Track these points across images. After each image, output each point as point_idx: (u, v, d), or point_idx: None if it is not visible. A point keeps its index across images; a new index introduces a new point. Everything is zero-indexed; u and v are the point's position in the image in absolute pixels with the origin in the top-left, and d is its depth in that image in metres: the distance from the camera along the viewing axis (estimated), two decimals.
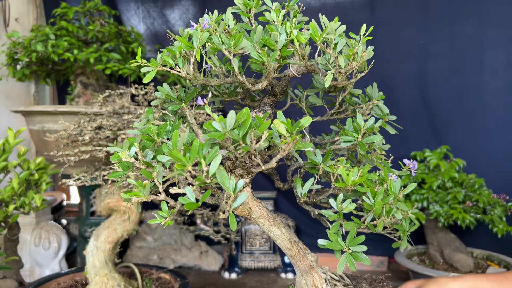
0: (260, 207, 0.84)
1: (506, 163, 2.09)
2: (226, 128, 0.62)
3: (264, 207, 0.85)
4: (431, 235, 1.92)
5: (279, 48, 0.70)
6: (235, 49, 0.72)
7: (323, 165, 0.75)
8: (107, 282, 1.25)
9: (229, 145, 0.64)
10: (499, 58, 2.12)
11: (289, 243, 0.85)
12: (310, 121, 0.64)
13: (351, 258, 0.71)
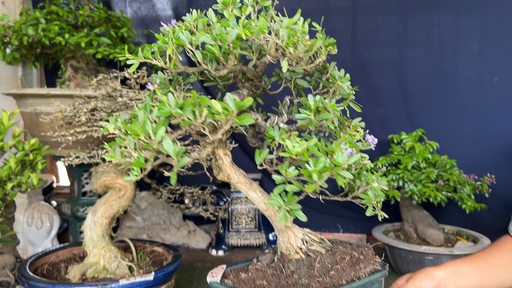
0: (237, 174, 0.95)
1: (476, 145, 2.24)
2: (171, 107, 0.74)
3: (241, 174, 0.95)
4: (406, 213, 2.05)
5: (230, 41, 0.80)
6: (195, 43, 0.82)
7: (278, 138, 0.85)
8: (104, 254, 1.33)
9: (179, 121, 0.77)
10: (472, 46, 2.25)
11: (265, 205, 0.95)
12: (251, 101, 0.75)
13: (287, 214, 0.81)
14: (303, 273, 0.87)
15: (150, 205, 2.51)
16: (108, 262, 1.32)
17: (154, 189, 1.79)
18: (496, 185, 2.01)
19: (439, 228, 2.01)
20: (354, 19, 2.42)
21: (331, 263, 0.87)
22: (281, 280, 0.88)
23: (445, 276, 0.94)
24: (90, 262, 1.33)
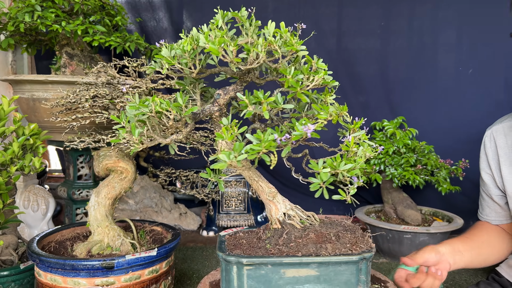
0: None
1: (452, 132, 2.39)
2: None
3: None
4: (386, 195, 2.19)
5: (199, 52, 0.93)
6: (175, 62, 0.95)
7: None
8: (108, 232, 1.42)
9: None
10: (450, 39, 2.39)
11: (250, 180, 1.07)
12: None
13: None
14: (272, 240, 0.97)
15: (142, 188, 2.59)
16: (112, 240, 1.41)
17: (150, 173, 1.87)
18: (470, 169, 2.16)
19: (417, 209, 2.16)
20: (340, 10, 2.52)
21: (296, 237, 0.96)
22: (254, 242, 0.99)
23: (446, 252, 1.05)
24: (95, 240, 1.41)
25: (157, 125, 1.09)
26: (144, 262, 1.29)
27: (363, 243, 0.91)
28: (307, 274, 0.86)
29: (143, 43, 2.06)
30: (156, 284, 1.36)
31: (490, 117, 2.35)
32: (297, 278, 0.85)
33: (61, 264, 1.22)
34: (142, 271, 1.30)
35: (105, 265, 1.23)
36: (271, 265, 0.86)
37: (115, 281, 1.26)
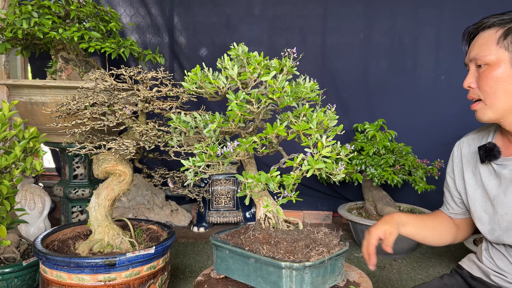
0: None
1: (428, 134, 2.54)
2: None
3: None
4: (367, 193, 2.33)
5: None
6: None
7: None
8: (108, 231, 1.52)
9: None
10: (425, 48, 2.56)
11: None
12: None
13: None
14: (251, 234, 1.10)
15: (134, 186, 2.69)
16: (112, 239, 1.51)
17: (145, 173, 1.97)
18: (444, 169, 2.31)
19: (396, 206, 2.30)
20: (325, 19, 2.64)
21: (254, 235, 1.09)
22: (241, 234, 1.16)
23: (400, 222, 1.19)
24: (95, 239, 1.51)
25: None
26: (143, 259, 1.40)
27: (302, 254, 0.98)
28: (248, 263, 1.04)
29: (136, 48, 2.15)
30: (153, 279, 1.47)
31: (460, 121, 2.55)
32: (245, 262, 1.05)
33: (66, 262, 1.32)
34: (141, 268, 1.42)
35: (107, 262, 1.34)
36: (227, 250, 1.10)
37: (116, 277, 1.37)
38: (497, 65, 0.97)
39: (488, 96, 0.99)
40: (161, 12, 2.83)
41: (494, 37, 0.97)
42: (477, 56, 1.00)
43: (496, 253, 1.09)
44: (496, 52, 0.97)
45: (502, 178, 1.04)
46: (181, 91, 1.68)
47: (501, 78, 0.96)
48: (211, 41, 2.90)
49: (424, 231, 1.22)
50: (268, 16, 2.79)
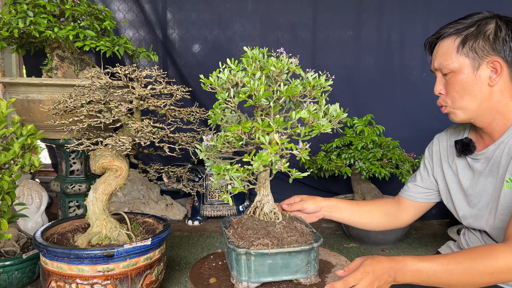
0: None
1: (417, 127, 2.63)
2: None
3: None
4: (356, 186, 2.41)
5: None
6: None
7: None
8: (106, 225, 1.58)
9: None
10: (409, 47, 2.65)
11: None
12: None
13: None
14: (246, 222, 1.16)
15: (130, 181, 2.75)
16: (109, 232, 1.57)
17: (140, 168, 2.02)
18: None
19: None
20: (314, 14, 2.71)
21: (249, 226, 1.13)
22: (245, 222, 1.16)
23: (326, 205, 1.26)
24: (94, 231, 1.57)
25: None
26: (140, 251, 1.46)
27: (263, 244, 1.03)
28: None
29: (130, 46, 2.19)
30: (150, 270, 1.54)
31: (440, 116, 2.66)
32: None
33: (67, 254, 1.38)
34: (138, 259, 1.48)
35: (106, 254, 1.40)
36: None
37: (114, 268, 1.44)
38: (461, 71, 1.04)
39: (456, 100, 1.07)
40: (154, 9, 2.88)
41: (453, 46, 1.05)
42: (441, 66, 1.07)
43: (471, 236, 1.17)
44: (457, 59, 1.04)
45: (474, 171, 1.12)
46: (174, 89, 1.74)
47: (466, 83, 1.04)
48: (204, 38, 2.95)
49: (357, 216, 1.30)
50: (260, 12, 2.85)
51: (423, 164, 1.30)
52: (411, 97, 2.64)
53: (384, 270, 0.93)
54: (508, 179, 1.02)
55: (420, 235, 2.55)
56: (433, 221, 2.81)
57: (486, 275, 0.90)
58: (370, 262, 0.95)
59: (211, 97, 2.91)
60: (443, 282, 0.92)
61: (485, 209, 1.09)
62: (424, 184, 1.27)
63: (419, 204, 1.30)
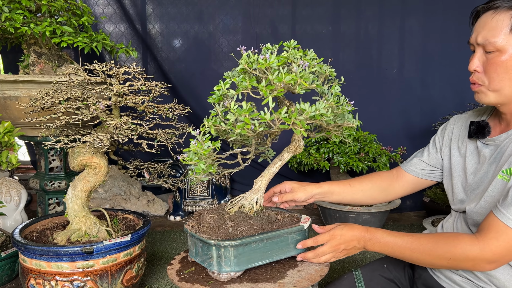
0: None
1: (395, 121, 2.70)
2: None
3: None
4: (335, 179, 2.45)
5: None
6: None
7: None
8: (85, 221, 1.59)
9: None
10: (382, 45, 2.72)
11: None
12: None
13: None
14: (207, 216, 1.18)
15: (110, 177, 2.74)
16: (89, 228, 1.58)
17: (120, 165, 2.03)
18: (407, 155, 2.46)
19: None
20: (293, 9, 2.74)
21: (219, 218, 1.14)
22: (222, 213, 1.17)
23: (317, 193, 1.28)
24: (73, 228, 1.57)
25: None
26: (120, 247, 1.47)
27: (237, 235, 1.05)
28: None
29: (109, 42, 2.18)
30: (130, 265, 1.55)
31: (410, 110, 2.77)
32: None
33: (45, 251, 1.39)
34: (118, 254, 1.49)
35: (85, 250, 1.41)
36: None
37: (94, 264, 1.45)
38: (508, 53, 0.95)
39: (494, 82, 0.99)
40: (133, 3, 2.86)
41: (508, 22, 0.94)
42: (486, 42, 0.97)
43: (448, 221, 1.18)
44: (509, 39, 0.94)
45: (481, 156, 1.08)
46: (153, 85, 1.74)
47: (510, 66, 0.96)
48: (185, 33, 2.95)
49: (350, 196, 1.33)
50: (241, 7, 2.87)
51: (432, 141, 1.27)
52: (387, 92, 2.71)
53: (354, 236, 1.05)
54: (504, 170, 0.99)
55: (397, 226, 2.61)
56: (410, 213, 2.89)
57: (444, 259, 0.97)
58: (342, 227, 1.07)
59: (192, 94, 2.92)
60: (406, 257, 1.03)
61: (476, 192, 1.09)
62: (430, 161, 1.25)
63: (418, 180, 1.28)
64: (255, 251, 1.07)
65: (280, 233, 1.10)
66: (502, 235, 0.91)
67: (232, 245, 1.03)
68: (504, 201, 0.93)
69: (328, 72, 1.15)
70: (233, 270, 1.05)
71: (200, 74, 2.95)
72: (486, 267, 0.94)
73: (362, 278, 1.19)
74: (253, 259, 1.07)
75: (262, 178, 1.18)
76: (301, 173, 2.79)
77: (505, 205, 0.92)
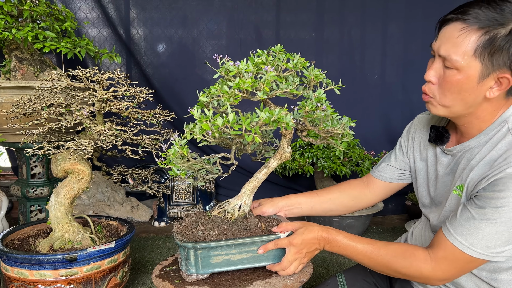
0: None
1: (377, 126, 2.75)
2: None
3: None
4: (319, 183, 2.48)
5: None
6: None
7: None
8: (68, 229, 1.57)
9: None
10: (363, 52, 2.78)
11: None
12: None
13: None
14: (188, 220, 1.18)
15: (94, 183, 2.72)
16: (72, 235, 1.56)
17: (103, 171, 2.01)
18: None
19: None
20: (278, 14, 2.76)
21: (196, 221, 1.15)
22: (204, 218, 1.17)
23: (284, 205, 1.25)
24: (56, 236, 1.56)
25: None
26: (103, 254, 1.47)
27: (204, 238, 1.06)
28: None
29: (92, 48, 2.17)
30: (114, 272, 1.54)
31: (391, 114, 2.82)
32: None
33: (27, 259, 1.37)
34: (102, 262, 1.48)
35: (68, 258, 1.39)
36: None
37: (78, 272, 1.43)
38: (466, 74, 0.91)
39: (445, 99, 0.96)
40: (116, 8, 2.85)
41: (473, 44, 0.88)
42: (447, 57, 0.92)
43: (418, 226, 1.20)
44: (470, 61, 0.89)
45: (439, 164, 1.08)
46: (137, 91, 1.74)
47: (465, 89, 0.92)
48: (169, 38, 2.95)
49: (319, 206, 1.30)
50: (225, 13, 2.88)
51: (399, 144, 1.25)
52: (369, 97, 2.76)
53: (315, 239, 1.06)
54: (457, 186, 0.98)
55: (380, 229, 2.65)
56: (393, 216, 2.93)
57: (399, 273, 1.01)
58: (302, 231, 1.06)
59: (176, 99, 2.92)
60: (364, 263, 1.05)
61: (439, 204, 1.09)
62: (397, 164, 1.24)
63: (389, 184, 1.27)
64: (222, 256, 1.07)
65: (251, 241, 1.08)
66: (451, 255, 0.92)
67: (196, 247, 1.04)
68: (453, 219, 0.93)
69: (314, 76, 1.13)
70: (197, 272, 1.06)
71: (184, 79, 2.96)
72: (438, 283, 0.98)
73: (345, 283, 1.21)
74: (220, 264, 1.07)
75: (248, 185, 1.19)
76: (286, 178, 2.81)
77: (453, 225, 0.93)
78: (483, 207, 0.88)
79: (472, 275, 1.00)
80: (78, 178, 1.63)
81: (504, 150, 0.92)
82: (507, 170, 0.87)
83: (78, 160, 1.63)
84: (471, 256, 0.90)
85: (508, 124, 0.95)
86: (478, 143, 0.98)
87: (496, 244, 0.88)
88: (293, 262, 1.06)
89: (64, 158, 1.62)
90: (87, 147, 1.53)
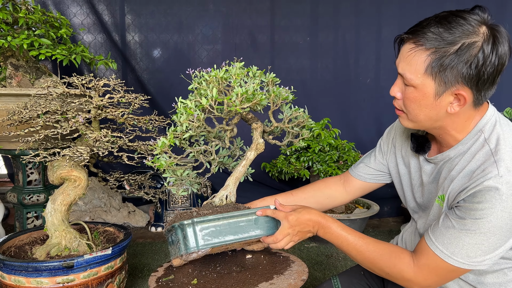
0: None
1: (371, 129, 2.77)
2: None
3: None
4: None
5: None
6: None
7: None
8: (65, 235, 1.57)
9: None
10: (356, 57, 2.81)
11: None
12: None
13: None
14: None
15: (90, 189, 2.72)
16: (69, 242, 1.57)
17: (100, 177, 2.02)
18: None
19: None
20: (271, 19, 2.78)
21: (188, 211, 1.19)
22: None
23: (262, 205, 1.22)
24: (53, 243, 1.56)
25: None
26: (100, 260, 1.47)
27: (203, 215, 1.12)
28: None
29: (88, 55, 2.18)
30: (111, 279, 1.55)
31: (384, 117, 2.84)
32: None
33: (24, 267, 1.37)
34: (99, 268, 1.49)
35: (65, 265, 1.40)
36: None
37: (75, 278, 1.44)
38: (422, 91, 0.93)
39: (410, 114, 0.99)
40: (112, 14, 2.86)
41: (423, 63, 0.90)
42: (404, 75, 0.95)
43: (409, 229, 1.21)
44: (423, 79, 0.92)
45: (423, 172, 1.08)
46: (133, 97, 1.75)
47: (424, 105, 0.94)
48: (164, 43, 2.96)
49: (294, 204, 1.27)
50: (220, 18, 2.90)
51: (379, 146, 1.26)
52: (364, 100, 2.79)
53: (310, 221, 1.08)
54: (439, 196, 0.99)
55: (377, 232, 2.66)
56: (389, 218, 2.95)
57: (383, 272, 1.03)
58: (300, 210, 1.09)
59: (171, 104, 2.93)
60: (351, 256, 1.07)
61: (426, 209, 1.11)
62: (376, 166, 1.25)
63: (367, 184, 1.29)
64: (220, 228, 1.11)
65: (247, 212, 1.14)
66: (433, 262, 0.94)
67: (194, 221, 1.08)
68: (435, 228, 0.95)
69: (271, 78, 1.27)
70: (198, 247, 1.08)
71: (180, 84, 2.97)
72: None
73: (340, 286, 1.22)
74: (218, 235, 1.10)
75: (231, 177, 1.25)
76: (282, 182, 2.83)
77: (435, 233, 0.94)
78: (463, 217, 0.90)
79: (458, 279, 1.02)
80: (74, 184, 1.63)
81: (482, 161, 0.93)
82: (484, 183, 0.88)
83: (74, 167, 1.63)
84: (452, 265, 0.92)
85: (484, 133, 0.96)
86: (457, 153, 1.00)
87: (477, 253, 0.90)
88: (285, 236, 1.09)
89: (60, 165, 1.63)
90: (83, 154, 1.54)
